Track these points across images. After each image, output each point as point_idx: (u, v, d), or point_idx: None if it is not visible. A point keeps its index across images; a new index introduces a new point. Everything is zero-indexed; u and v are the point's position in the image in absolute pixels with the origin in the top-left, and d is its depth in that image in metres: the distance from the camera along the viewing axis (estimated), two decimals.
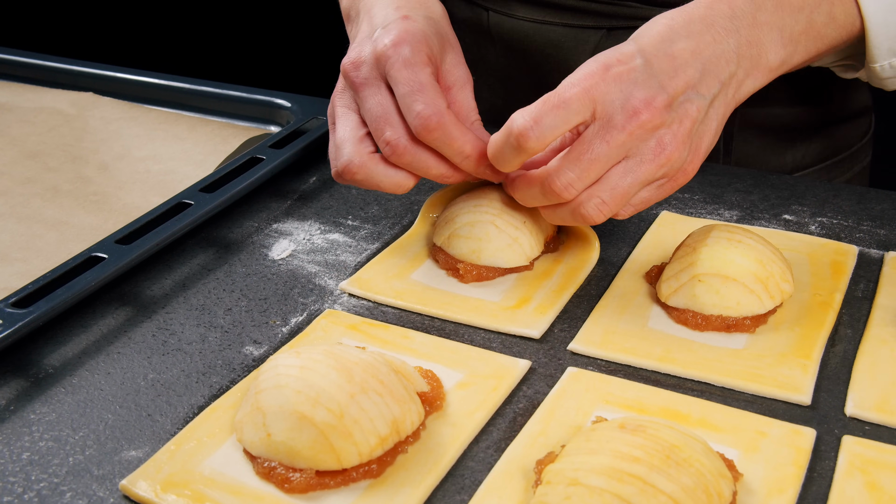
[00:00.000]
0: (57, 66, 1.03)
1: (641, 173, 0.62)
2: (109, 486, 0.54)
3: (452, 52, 0.71)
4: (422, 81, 0.65)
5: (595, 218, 0.63)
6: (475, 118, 0.71)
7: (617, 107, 0.61)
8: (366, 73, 0.68)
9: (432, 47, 0.68)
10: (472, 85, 0.72)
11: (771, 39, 0.65)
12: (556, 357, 0.64)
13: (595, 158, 0.61)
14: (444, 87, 0.70)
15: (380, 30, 0.68)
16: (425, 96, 0.65)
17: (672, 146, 0.62)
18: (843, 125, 0.95)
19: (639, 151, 0.62)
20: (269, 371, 0.56)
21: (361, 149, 0.68)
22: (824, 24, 0.67)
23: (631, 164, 0.62)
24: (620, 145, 0.61)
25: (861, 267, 0.72)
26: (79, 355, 0.65)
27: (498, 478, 0.54)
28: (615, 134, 0.61)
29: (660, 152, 0.62)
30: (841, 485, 0.53)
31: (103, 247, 0.71)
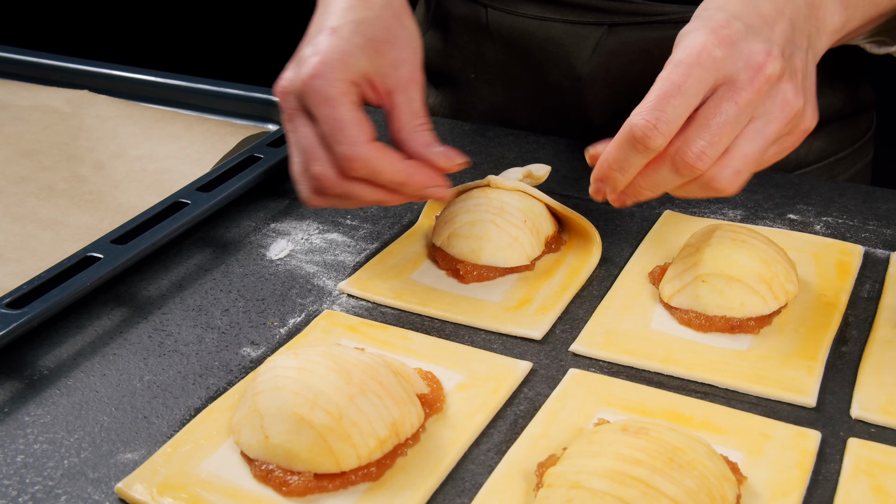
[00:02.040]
0: (52, 63, 1.03)
1: (770, 133, 0.60)
2: (105, 489, 0.54)
3: (392, 50, 0.69)
4: (339, 118, 0.64)
5: (731, 189, 0.60)
6: (419, 122, 0.68)
7: (739, 66, 0.59)
8: (292, 105, 0.67)
9: (355, 67, 0.66)
10: (418, 83, 0.69)
11: (832, 2, 0.65)
12: (557, 358, 0.64)
13: (725, 122, 0.58)
14: (385, 92, 0.68)
15: (308, 49, 0.68)
16: (345, 134, 0.64)
17: (795, 99, 0.60)
18: (846, 121, 0.95)
19: (766, 110, 0.60)
20: (267, 373, 0.56)
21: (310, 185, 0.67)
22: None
23: (758, 124, 0.60)
24: (748, 104, 0.59)
25: (867, 267, 0.72)
26: (74, 356, 0.65)
27: (499, 481, 0.53)
28: (743, 93, 0.59)
29: (785, 107, 0.60)
30: (846, 488, 0.53)
31: (99, 247, 0.71)
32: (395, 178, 0.65)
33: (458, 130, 0.95)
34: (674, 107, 0.58)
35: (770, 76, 0.59)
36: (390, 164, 0.65)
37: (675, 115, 0.58)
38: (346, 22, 0.68)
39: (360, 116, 0.65)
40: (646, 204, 0.80)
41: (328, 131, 0.65)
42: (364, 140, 0.64)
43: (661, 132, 0.58)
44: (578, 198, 0.81)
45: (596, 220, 0.76)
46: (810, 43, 0.63)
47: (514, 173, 0.76)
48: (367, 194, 0.66)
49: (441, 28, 1.00)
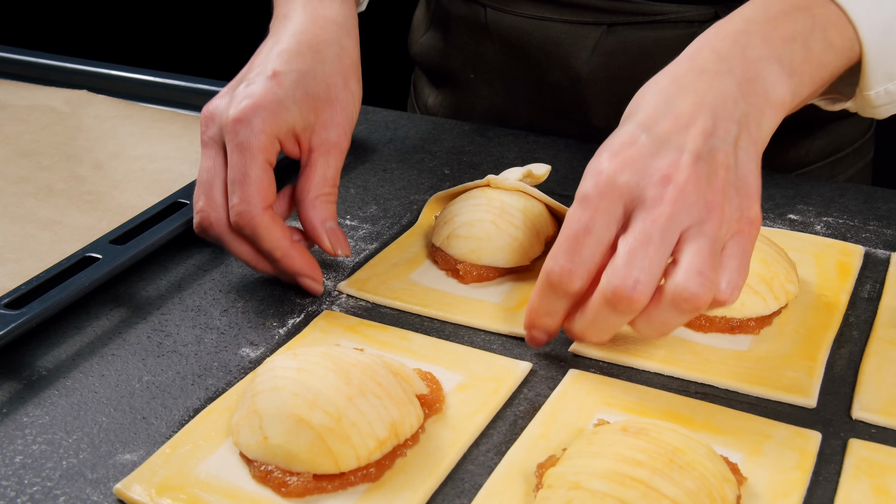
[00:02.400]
0: (51, 63, 1.03)
1: (711, 232, 0.55)
2: (104, 489, 0.54)
3: (328, 110, 0.69)
4: (247, 172, 0.65)
5: (702, 293, 0.54)
6: (325, 191, 0.68)
7: (644, 185, 0.56)
8: (211, 133, 0.68)
9: (285, 121, 0.67)
10: (341, 151, 0.69)
11: (771, 72, 0.61)
12: (557, 359, 0.63)
13: (649, 241, 0.55)
14: (306, 150, 0.69)
15: (242, 86, 0.68)
16: (245, 189, 0.65)
17: (719, 199, 0.56)
18: (846, 120, 0.95)
19: (693, 219, 0.56)
20: (266, 373, 0.56)
21: None
22: (822, 50, 0.63)
23: (694, 231, 0.56)
24: (668, 218, 0.55)
25: (867, 267, 0.72)
26: (72, 357, 0.64)
27: (498, 481, 0.53)
28: (657, 209, 0.55)
29: (711, 209, 0.55)
30: (847, 489, 0.52)
31: (97, 247, 0.71)
32: (273, 252, 0.67)
33: (458, 130, 0.95)
34: (586, 246, 0.56)
35: (682, 186, 0.55)
36: (274, 238, 0.66)
37: (590, 255, 0.56)
38: (291, 70, 0.68)
39: (266, 178, 0.66)
40: None
41: (232, 179, 0.66)
42: (260, 204, 0.65)
43: (578, 275, 0.57)
44: None
45: None
46: (743, 127, 0.59)
47: (513, 173, 0.76)
48: (241, 252, 0.68)
49: (441, 28, 0.99)
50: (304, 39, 0.70)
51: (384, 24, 1.40)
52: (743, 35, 0.61)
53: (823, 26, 0.63)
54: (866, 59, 0.66)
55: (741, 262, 0.57)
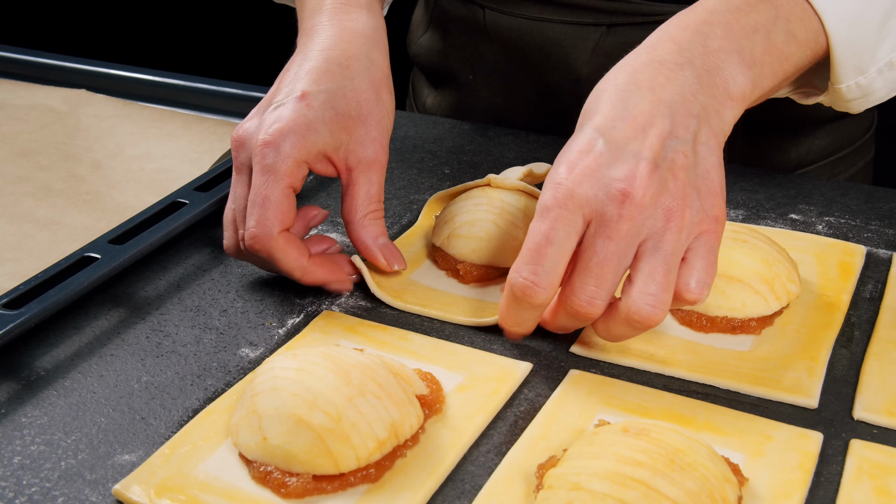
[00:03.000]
0: (49, 62, 1.03)
1: (667, 246, 0.56)
2: (102, 490, 0.54)
3: (361, 128, 0.68)
4: (267, 196, 0.65)
5: (654, 315, 0.56)
6: (371, 209, 0.69)
7: (602, 199, 0.56)
8: (242, 159, 0.68)
9: (314, 144, 0.66)
10: (381, 165, 0.69)
11: (731, 63, 0.61)
12: (557, 359, 0.63)
13: (605, 259, 0.56)
14: (345, 168, 0.68)
15: (271, 109, 0.68)
16: (262, 213, 0.65)
17: (678, 206, 0.56)
18: (847, 120, 0.95)
19: (650, 230, 0.57)
20: (266, 374, 0.55)
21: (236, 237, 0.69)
22: (785, 42, 0.63)
23: (650, 245, 0.57)
24: (626, 235, 0.56)
25: (869, 267, 0.71)
26: (71, 357, 0.64)
27: (499, 482, 0.53)
28: (615, 226, 0.56)
29: (670, 218, 0.56)
30: (848, 489, 0.52)
31: (96, 247, 0.71)
32: (293, 273, 0.67)
33: (458, 130, 0.94)
34: (548, 258, 0.57)
35: (640, 201, 0.56)
36: (291, 260, 0.67)
37: (552, 266, 0.57)
38: (320, 91, 0.68)
39: (286, 203, 0.66)
40: None
41: (251, 200, 0.66)
42: (276, 227, 0.66)
43: (542, 287, 0.57)
44: None
45: None
46: (703, 120, 0.59)
47: (514, 172, 0.76)
48: (269, 268, 0.69)
49: (439, 28, 0.99)
50: (333, 56, 0.69)
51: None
52: (705, 25, 0.61)
53: (787, 18, 0.63)
54: (834, 53, 0.65)
55: (708, 260, 0.58)
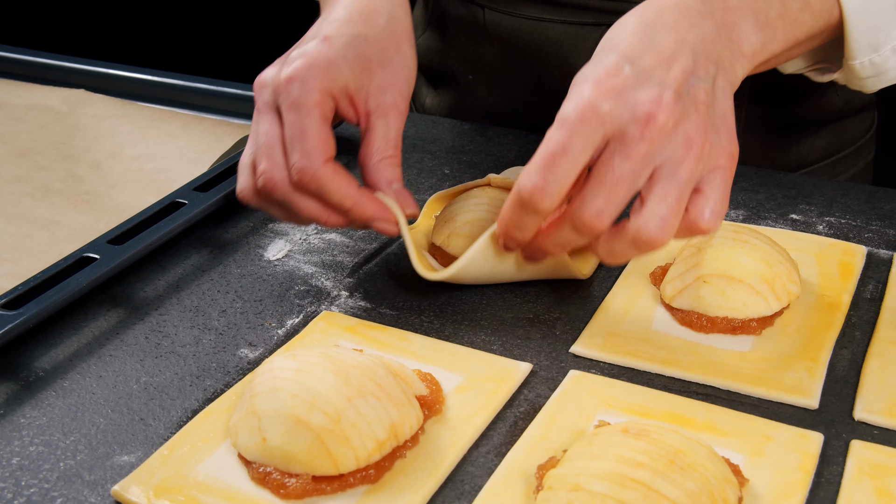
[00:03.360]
0: (48, 62, 1.03)
1: (683, 174, 0.57)
2: (101, 491, 0.54)
3: (383, 72, 0.68)
4: (304, 128, 0.64)
5: (661, 237, 0.57)
6: (388, 154, 0.68)
7: (627, 119, 0.56)
8: (265, 98, 0.67)
9: (337, 79, 0.66)
10: (398, 111, 0.68)
11: (746, 22, 0.62)
12: (557, 360, 0.63)
13: (620, 178, 0.56)
14: (363, 114, 0.68)
15: (296, 51, 0.67)
16: (304, 145, 0.64)
17: (699, 136, 0.57)
18: (848, 120, 0.95)
19: (668, 156, 0.57)
20: (265, 374, 0.55)
21: (253, 179, 0.67)
22: (800, 9, 0.64)
23: (666, 170, 0.57)
24: (644, 156, 0.56)
25: (870, 268, 0.71)
26: (70, 358, 0.64)
27: (498, 483, 0.53)
28: (635, 146, 0.56)
29: (690, 147, 0.57)
30: (849, 490, 0.52)
31: (95, 247, 0.70)
32: (343, 203, 0.65)
33: (458, 129, 0.94)
34: (560, 167, 0.57)
35: (663, 126, 0.56)
36: (340, 188, 0.65)
37: (563, 176, 0.57)
38: (342, 34, 0.67)
39: (324, 132, 0.65)
40: None
41: (290, 137, 0.64)
42: (321, 158, 0.64)
43: (549, 194, 0.57)
44: None
45: None
46: (720, 68, 0.60)
47: (514, 172, 0.76)
48: (310, 209, 0.66)
49: (439, 28, 0.99)
50: (356, 9, 0.70)
51: None
52: None
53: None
54: (848, 27, 0.66)
55: (723, 193, 0.58)
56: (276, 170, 0.65)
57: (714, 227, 0.58)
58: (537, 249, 0.63)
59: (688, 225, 0.58)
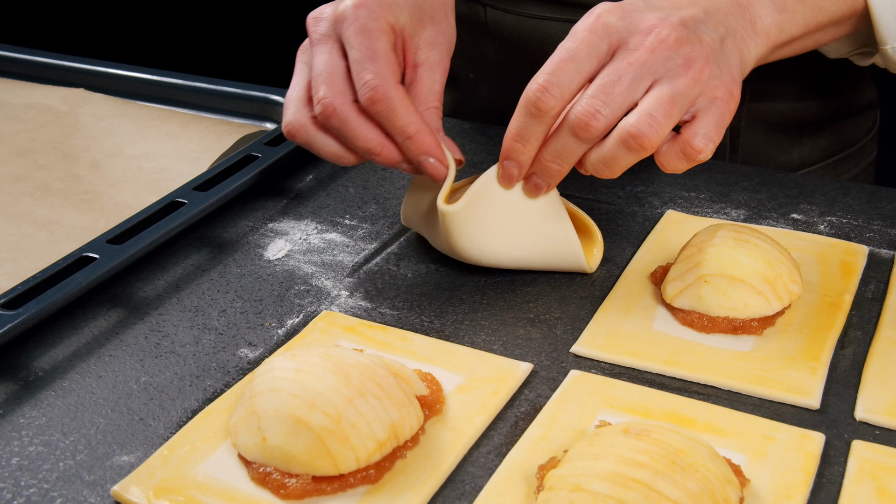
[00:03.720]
0: (47, 61, 1.03)
1: (680, 86, 0.59)
2: (101, 491, 0.54)
3: (433, 29, 0.69)
4: (375, 49, 0.64)
5: (651, 137, 0.59)
6: (433, 104, 0.68)
7: (631, 30, 0.59)
8: (323, 30, 0.67)
9: (398, 17, 0.67)
10: (443, 69, 0.69)
11: (762, 4, 0.65)
12: (558, 360, 0.63)
13: (618, 80, 0.59)
14: (411, 65, 0.69)
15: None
16: (376, 66, 0.64)
17: (700, 60, 0.59)
18: (850, 120, 0.94)
19: (667, 70, 0.59)
20: (265, 374, 0.55)
21: (305, 111, 0.66)
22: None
23: (664, 81, 0.59)
24: (643, 64, 0.59)
25: (871, 267, 0.71)
26: (69, 358, 0.64)
27: (499, 483, 0.53)
28: (634, 53, 0.59)
29: (689, 66, 0.59)
30: (850, 490, 0.52)
31: (94, 247, 0.70)
32: (407, 128, 0.65)
33: (459, 129, 0.94)
34: (566, 71, 0.59)
35: (664, 38, 0.59)
36: (408, 111, 0.64)
37: (568, 79, 0.59)
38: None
39: (393, 56, 0.65)
40: (648, 203, 0.80)
41: (359, 58, 0.64)
42: (393, 78, 0.64)
43: (553, 94, 0.59)
44: (580, 197, 0.80)
45: (598, 219, 0.76)
46: (730, 32, 0.62)
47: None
48: (360, 137, 0.65)
49: None
50: None
51: None
52: None
53: None
54: (875, 14, 0.69)
55: (718, 121, 0.60)
56: (337, 95, 0.65)
57: (706, 151, 0.60)
58: (539, 168, 0.63)
59: (681, 146, 0.60)
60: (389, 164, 0.67)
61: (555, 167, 0.63)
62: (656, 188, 0.82)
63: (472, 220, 0.66)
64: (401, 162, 0.67)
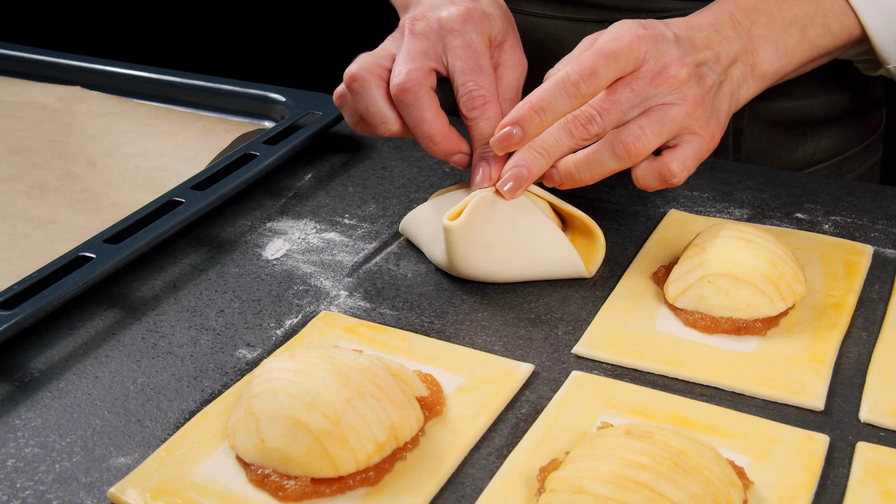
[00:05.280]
0: (44, 59, 1.03)
1: (671, 113, 0.65)
2: (97, 493, 0.53)
3: (514, 37, 0.75)
4: (481, 65, 0.70)
5: (635, 146, 0.65)
6: (511, 97, 0.74)
7: (650, 61, 0.65)
8: (423, 28, 0.71)
9: (495, 29, 0.72)
10: (523, 69, 0.75)
11: (765, 51, 0.72)
12: (560, 360, 0.63)
13: (618, 101, 0.65)
14: (495, 64, 0.73)
15: (449, 8, 0.72)
16: (482, 79, 0.69)
17: (694, 100, 0.66)
18: (855, 119, 0.95)
19: (663, 101, 0.66)
20: (263, 375, 0.55)
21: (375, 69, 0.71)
22: (818, 35, 0.73)
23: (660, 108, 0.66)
24: (642, 92, 0.65)
25: (876, 267, 0.71)
26: (66, 358, 0.64)
27: (499, 486, 0.53)
28: (641, 83, 0.65)
29: (684, 101, 0.66)
30: (855, 493, 0.52)
31: (91, 246, 0.70)
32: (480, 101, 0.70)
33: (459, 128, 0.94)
34: (608, 67, 0.64)
35: (672, 77, 0.66)
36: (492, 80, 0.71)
37: (607, 76, 0.64)
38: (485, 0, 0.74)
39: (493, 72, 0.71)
40: (650, 203, 0.80)
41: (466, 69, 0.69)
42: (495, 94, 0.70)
43: (595, 82, 0.64)
44: (582, 196, 0.80)
45: (600, 219, 0.75)
46: (729, 79, 0.70)
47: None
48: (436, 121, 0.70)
49: None
50: None
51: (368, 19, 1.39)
52: (754, 12, 0.72)
53: (825, 14, 0.74)
54: (874, 41, 0.75)
55: (695, 153, 0.67)
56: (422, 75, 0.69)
57: (679, 176, 0.67)
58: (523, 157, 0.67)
59: (658, 166, 0.67)
60: (444, 153, 0.71)
61: (540, 159, 0.67)
62: None
63: (472, 240, 0.67)
64: (454, 154, 0.71)
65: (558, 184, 0.69)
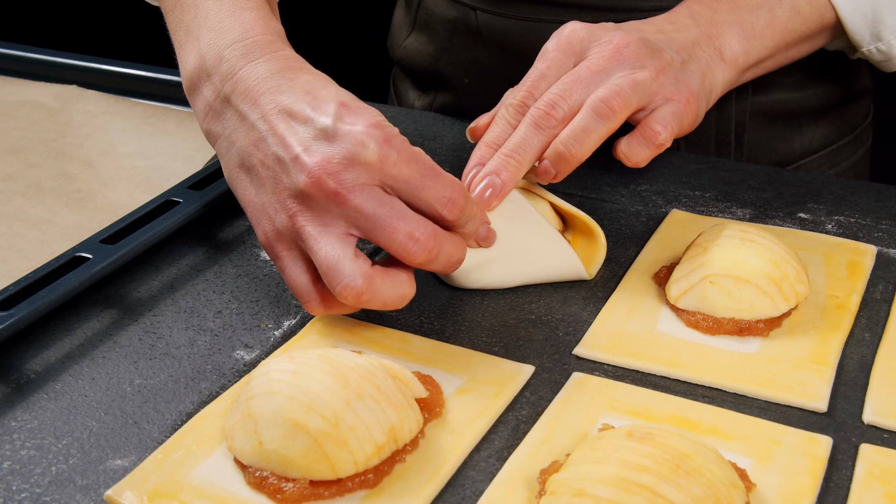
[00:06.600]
0: (39, 57, 1.03)
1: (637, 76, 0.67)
2: (94, 496, 0.53)
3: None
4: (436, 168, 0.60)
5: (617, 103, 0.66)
6: None
7: (593, 45, 0.69)
8: (354, 178, 0.57)
9: None
10: None
11: (731, 34, 0.72)
12: (560, 362, 0.63)
13: (577, 80, 0.67)
14: None
15: (343, 122, 0.59)
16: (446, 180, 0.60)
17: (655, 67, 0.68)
18: (846, 107, 0.95)
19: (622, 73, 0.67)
20: (261, 376, 0.55)
21: (363, 265, 0.58)
22: (788, 18, 0.74)
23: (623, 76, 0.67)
24: (601, 69, 0.67)
25: (879, 267, 0.71)
26: (62, 360, 0.64)
27: (500, 488, 0.53)
28: (593, 61, 0.68)
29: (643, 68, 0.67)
30: (858, 495, 0.52)
31: (88, 246, 0.70)
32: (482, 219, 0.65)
33: (458, 127, 0.94)
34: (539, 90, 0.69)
35: (620, 49, 0.68)
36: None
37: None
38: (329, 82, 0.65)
39: None
40: (652, 202, 0.80)
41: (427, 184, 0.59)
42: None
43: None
44: (583, 196, 0.80)
45: (601, 219, 0.76)
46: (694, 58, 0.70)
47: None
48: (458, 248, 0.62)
49: (426, 30, 0.98)
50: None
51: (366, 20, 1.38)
52: (716, 2, 0.74)
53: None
54: (846, 25, 0.76)
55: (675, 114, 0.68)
56: (430, 228, 0.59)
57: (664, 132, 0.67)
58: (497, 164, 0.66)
59: (641, 131, 0.68)
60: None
61: (511, 161, 0.66)
62: (660, 187, 0.81)
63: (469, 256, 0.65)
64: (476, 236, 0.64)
65: (553, 175, 0.67)
